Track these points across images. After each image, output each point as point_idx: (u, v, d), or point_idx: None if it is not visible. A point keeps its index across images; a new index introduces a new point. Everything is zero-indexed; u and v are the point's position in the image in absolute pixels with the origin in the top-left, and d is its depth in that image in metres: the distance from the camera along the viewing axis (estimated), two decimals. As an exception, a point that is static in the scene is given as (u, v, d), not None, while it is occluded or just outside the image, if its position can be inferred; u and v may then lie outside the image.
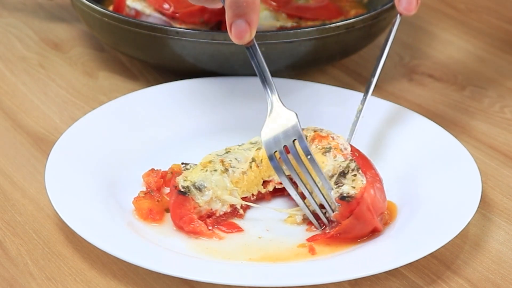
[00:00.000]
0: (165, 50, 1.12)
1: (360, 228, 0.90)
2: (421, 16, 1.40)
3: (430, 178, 0.98)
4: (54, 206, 0.90)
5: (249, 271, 0.87)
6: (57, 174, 0.95)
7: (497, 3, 1.45)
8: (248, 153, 0.97)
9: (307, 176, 0.91)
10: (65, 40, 1.30)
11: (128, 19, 1.13)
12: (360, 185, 0.90)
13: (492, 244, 0.93)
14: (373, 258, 0.88)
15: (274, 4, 1.17)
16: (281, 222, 0.94)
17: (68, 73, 1.22)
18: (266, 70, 0.94)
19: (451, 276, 0.89)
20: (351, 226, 0.90)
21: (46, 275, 0.88)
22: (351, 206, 0.89)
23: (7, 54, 1.26)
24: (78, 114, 1.11)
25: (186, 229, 0.92)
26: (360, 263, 0.87)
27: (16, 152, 1.05)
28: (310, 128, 0.99)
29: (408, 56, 1.30)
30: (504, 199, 1.00)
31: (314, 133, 0.98)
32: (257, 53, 0.93)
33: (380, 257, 0.88)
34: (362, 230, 0.90)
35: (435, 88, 1.22)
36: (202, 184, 0.93)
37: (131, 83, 1.21)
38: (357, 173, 0.91)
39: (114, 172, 0.99)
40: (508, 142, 1.10)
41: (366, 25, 1.14)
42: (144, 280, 0.87)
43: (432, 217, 0.92)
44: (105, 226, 0.90)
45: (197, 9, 1.17)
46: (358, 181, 0.91)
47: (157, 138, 1.06)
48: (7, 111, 1.13)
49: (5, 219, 0.95)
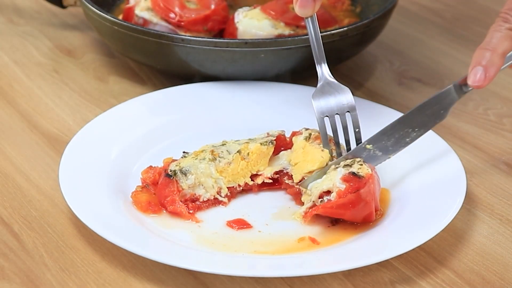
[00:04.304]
0: (171, 56, 1.12)
1: (358, 209, 0.90)
2: (410, 24, 1.41)
3: (419, 176, 0.98)
4: (67, 202, 0.90)
5: (252, 262, 0.87)
6: (70, 172, 0.95)
7: (481, 12, 1.45)
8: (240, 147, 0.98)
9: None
10: (77, 47, 1.30)
11: (137, 27, 1.13)
12: (366, 171, 0.91)
13: (476, 237, 0.93)
14: (365, 250, 0.88)
15: (273, 13, 1.17)
16: (279, 217, 0.94)
17: (80, 78, 1.22)
18: (320, 43, 0.98)
19: (438, 267, 0.89)
20: (352, 202, 0.89)
21: (60, 266, 0.88)
22: (359, 183, 0.89)
23: (23, 60, 1.26)
24: (89, 116, 1.11)
25: (168, 209, 0.93)
26: (352, 255, 0.87)
27: (32, 151, 1.05)
28: (316, 130, 0.99)
29: (398, 61, 1.30)
30: (487, 195, 1.00)
31: (318, 133, 0.98)
32: (315, 25, 0.98)
33: (372, 249, 0.88)
34: (360, 211, 0.90)
35: (424, 91, 1.22)
36: (188, 169, 0.94)
37: (139, 87, 1.20)
38: (363, 163, 0.92)
39: (123, 169, 0.99)
40: (491, 142, 1.10)
41: (359, 33, 1.14)
42: (152, 271, 0.87)
43: (420, 212, 0.92)
44: (115, 220, 0.90)
45: (201, 18, 1.17)
46: (364, 169, 0.91)
47: (164, 138, 1.06)
48: (24, 113, 1.13)
49: (22, 214, 0.95)
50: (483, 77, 0.89)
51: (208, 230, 0.92)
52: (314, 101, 0.97)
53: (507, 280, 0.88)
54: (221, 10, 1.20)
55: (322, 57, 0.99)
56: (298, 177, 0.96)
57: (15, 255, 0.89)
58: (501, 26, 0.91)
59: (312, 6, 0.96)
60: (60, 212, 0.95)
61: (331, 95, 0.98)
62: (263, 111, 1.10)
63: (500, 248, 0.92)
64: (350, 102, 0.97)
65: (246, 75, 1.13)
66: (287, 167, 0.98)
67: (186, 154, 0.98)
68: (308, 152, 0.97)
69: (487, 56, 0.90)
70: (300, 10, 0.96)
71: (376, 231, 0.91)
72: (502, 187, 1.01)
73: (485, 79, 0.89)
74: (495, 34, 0.91)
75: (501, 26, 0.91)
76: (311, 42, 0.99)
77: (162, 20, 1.17)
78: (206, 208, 0.95)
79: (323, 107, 0.97)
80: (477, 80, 0.90)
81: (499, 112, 1.17)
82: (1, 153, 1.05)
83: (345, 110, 0.97)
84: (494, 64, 0.90)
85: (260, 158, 0.98)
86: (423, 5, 1.47)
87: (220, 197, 0.96)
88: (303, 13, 0.97)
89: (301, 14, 0.97)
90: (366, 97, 1.17)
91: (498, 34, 0.91)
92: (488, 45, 0.90)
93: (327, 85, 0.99)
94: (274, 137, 1.00)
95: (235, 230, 0.92)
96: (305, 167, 0.96)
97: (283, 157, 1.00)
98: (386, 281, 0.87)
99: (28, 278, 0.86)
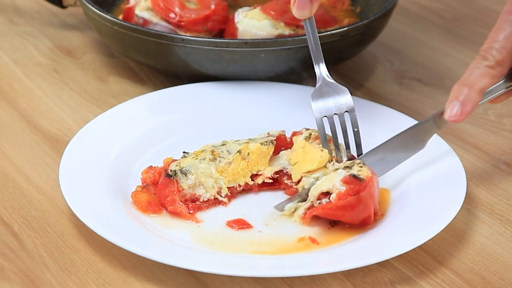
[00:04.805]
0: (171, 56, 1.12)
1: (357, 211, 0.90)
2: (410, 24, 1.40)
3: (419, 176, 0.97)
4: (67, 202, 0.90)
5: (252, 262, 0.87)
6: (70, 172, 0.95)
7: (481, 12, 1.45)
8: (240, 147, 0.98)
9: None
10: (77, 47, 1.30)
11: (137, 27, 1.12)
12: (366, 173, 0.91)
13: (476, 237, 0.93)
14: (365, 250, 0.87)
15: (273, 13, 1.17)
16: (278, 217, 0.94)
17: (80, 78, 1.22)
18: (318, 44, 0.99)
19: (438, 267, 0.89)
20: (351, 205, 0.89)
21: (60, 267, 0.88)
22: (360, 185, 0.89)
23: (23, 60, 1.26)
24: (89, 116, 1.11)
25: (168, 209, 0.93)
26: (352, 255, 0.87)
27: (32, 151, 1.05)
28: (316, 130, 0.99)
29: (397, 61, 1.29)
30: (487, 195, 1.00)
31: (318, 133, 0.98)
32: (313, 27, 0.98)
33: (372, 249, 0.88)
34: (358, 213, 0.90)
35: (423, 91, 1.22)
36: (189, 169, 0.94)
37: (139, 87, 1.20)
38: (363, 165, 0.92)
39: (123, 169, 0.99)
40: (491, 142, 1.10)
41: (359, 33, 1.14)
42: (152, 271, 0.87)
43: (420, 212, 0.92)
44: (115, 220, 0.90)
45: (201, 18, 1.17)
46: (364, 171, 0.91)
47: (164, 138, 1.05)
48: (24, 113, 1.13)
49: (22, 214, 0.94)
50: (459, 112, 0.91)
51: (208, 230, 0.92)
52: (312, 103, 0.97)
53: (507, 280, 0.88)
54: (221, 10, 1.20)
55: (320, 58, 0.99)
56: (297, 177, 0.96)
57: (15, 255, 0.89)
58: (480, 63, 0.92)
59: (309, 8, 0.96)
60: (60, 212, 0.95)
61: (330, 96, 0.98)
62: (263, 111, 1.10)
63: (500, 248, 0.92)
64: (348, 102, 0.97)
65: (246, 75, 1.13)
66: (286, 167, 0.98)
67: (186, 154, 0.97)
68: (308, 152, 0.97)
69: (464, 91, 0.91)
70: (297, 12, 0.97)
71: (376, 231, 0.91)
72: (502, 187, 1.01)
73: (461, 114, 0.90)
74: (474, 70, 0.92)
75: (480, 63, 0.92)
76: (309, 43, 0.99)
77: (162, 20, 1.17)
78: (206, 208, 0.95)
79: (321, 108, 0.97)
80: (454, 115, 0.91)
81: (499, 112, 1.17)
82: (1, 153, 1.04)
83: (343, 111, 0.97)
84: (471, 100, 0.91)
85: (260, 158, 0.98)
86: (423, 5, 1.47)
87: (220, 197, 0.96)
88: (300, 15, 0.97)
89: (298, 16, 0.97)
90: (366, 97, 1.17)
91: (477, 71, 0.92)
92: (466, 81, 0.92)
93: (326, 86, 0.99)
94: (274, 137, 1.00)
95: (235, 230, 0.92)
96: (304, 167, 0.96)
97: (283, 157, 1.00)
98: (386, 281, 0.87)
99: (28, 278, 0.86)
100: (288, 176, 0.98)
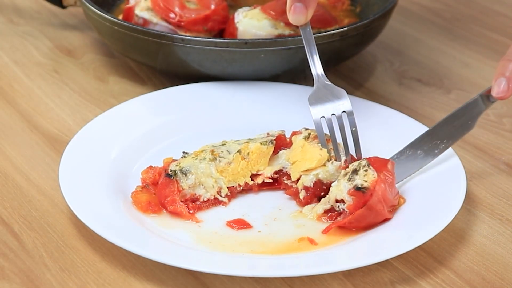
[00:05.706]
0: (171, 56, 1.12)
1: (371, 219, 0.90)
2: (410, 24, 1.40)
3: (419, 176, 0.97)
4: (67, 202, 0.90)
5: (252, 262, 0.87)
6: (70, 172, 0.95)
7: (481, 12, 1.45)
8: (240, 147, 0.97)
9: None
10: (77, 47, 1.30)
11: (137, 27, 1.12)
12: (371, 178, 0.90)
13: (476, 237, 0.93)
14: (365, 250, 0.87)
15: (273, 13, 1.17)
16: (278, 217, 0.94)
17: (80, 78, 1.22)
18: (315, 48, 0.99)
19: (438, 267, 0.89)
20: (363, 216, 0.90)
21: (60, 267, 0.87)
22: (365, 197, 0.89)
23: (23, 60, 1.26)
24: (89, 116, 1.11)
25: (168, 209, 0.93)
26: (352, 255, 0.87)
27: (32, 151, 1.05)
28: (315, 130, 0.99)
29: (397, 61, 1.29)
30: (487, 195, 1.00)
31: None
32: (309, 33, 0.98)
33: (372, 249, 0.88)
34: (373, 220, 0.90)
35: (423, 91, 1.22)
36: (189, 169, 0.94)
37: (139, 87, 1.20)
38: (368, 169, 0.91)
39: (123, 169, 0.99)
40: (491, 142, 1.10)
41: (359, 33, 1.14)
42: (151, 271, 0.87)
43: (420, 212, 0.92)
44: (115, 220, 0.90)
45: (201, 18, 1.17)
46: (369, 175, 0.91)
47: (164, 138, 1.05)
48: (24, 113, 1.13)
49: (22, 214, 0.94)
50: (506, 88, 0.90)
51: (208, 230, 0.92)
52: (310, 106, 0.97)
53: (507, 280, 0.88)
54: (221, 10, 1.20)
55: (317, 61, 0.99)
56: (295, 175, 0.96)
57: (15, 255, 0.89)
58: None
59: (304, 14, 0.96)
60: (60, 212, 0.95)
61: (328, 98, 0.98)
62: (263, 111, 1.10)
63: (500, 248, 0.92)
64: (346, 104, 0.97)
65: (246, 75, 1.13)
66: (286, 166, 0.98)
67: (186, 154, 0.97)
68: (307, 151, 0.97)
69: (510, 67, 0.90)
70: (293, 17, 0.97)
71: (376, 231, 0.91)
72: (502, 187, 1.01)
73: (508, 89, 0.90)
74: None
75: None
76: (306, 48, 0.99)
77: (162, 20, 1.17)
78: (206, 208, 0.95)
79: (319, 110, 0.97)
80: (501, 91, 0.90)
81: (499, 112, 1.17)
82: (1, 153, 1.04)
83: (341, 111, 0.97)
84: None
85: (260, 158, 0.98)
86: (423, 5, 1.47)
87: (220, 197, 0.96)
88: (296, 21, 0.97)
89: (294, 22, 0.97)
90: (366, 97, 1.17)
91: None
92: (511, 56, 0.90)
93: (323, 88, 0.98)
94: (274, 137, 1.00)
95: (235, 230, 0.92)
96: (303, 165, 0.96)
97: (282, 156, 1.00)
98: (386, 281, 0.87)
99: (28, 278, 0.86)
100: (288, 176, 0.98)
